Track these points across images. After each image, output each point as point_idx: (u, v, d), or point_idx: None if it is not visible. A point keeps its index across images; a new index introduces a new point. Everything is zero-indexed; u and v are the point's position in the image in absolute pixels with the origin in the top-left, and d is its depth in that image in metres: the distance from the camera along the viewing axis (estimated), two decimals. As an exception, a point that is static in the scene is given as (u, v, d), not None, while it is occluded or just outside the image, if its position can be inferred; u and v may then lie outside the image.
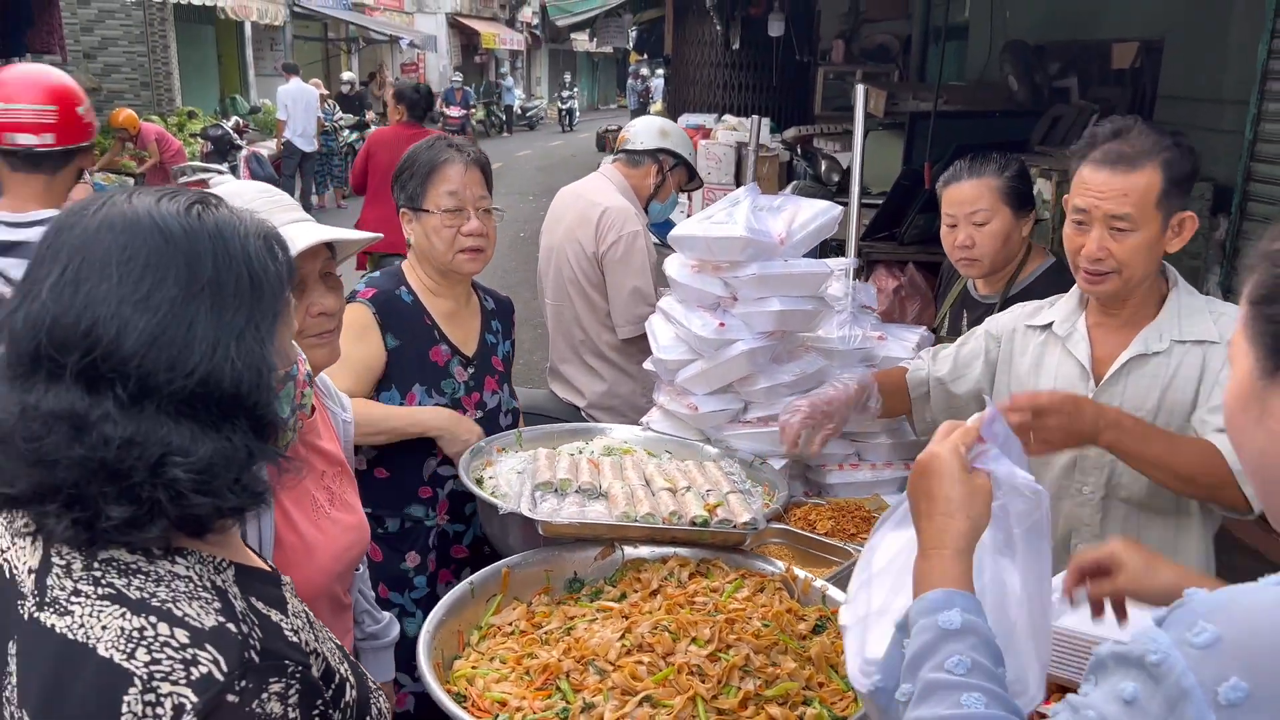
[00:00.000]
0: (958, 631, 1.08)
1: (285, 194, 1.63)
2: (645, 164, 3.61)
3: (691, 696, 1.53)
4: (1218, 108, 4.67)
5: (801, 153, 8.42)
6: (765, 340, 2.41)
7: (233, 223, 1.06)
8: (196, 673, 0.93)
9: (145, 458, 0.95)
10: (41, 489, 0.96)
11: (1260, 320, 0.92)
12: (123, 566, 0.99)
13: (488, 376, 2.52)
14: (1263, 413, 0.93)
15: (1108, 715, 0.84)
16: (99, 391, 0.96)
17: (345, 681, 1.13)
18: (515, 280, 10.63)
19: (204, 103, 17.92)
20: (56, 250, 1.00)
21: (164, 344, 0.97)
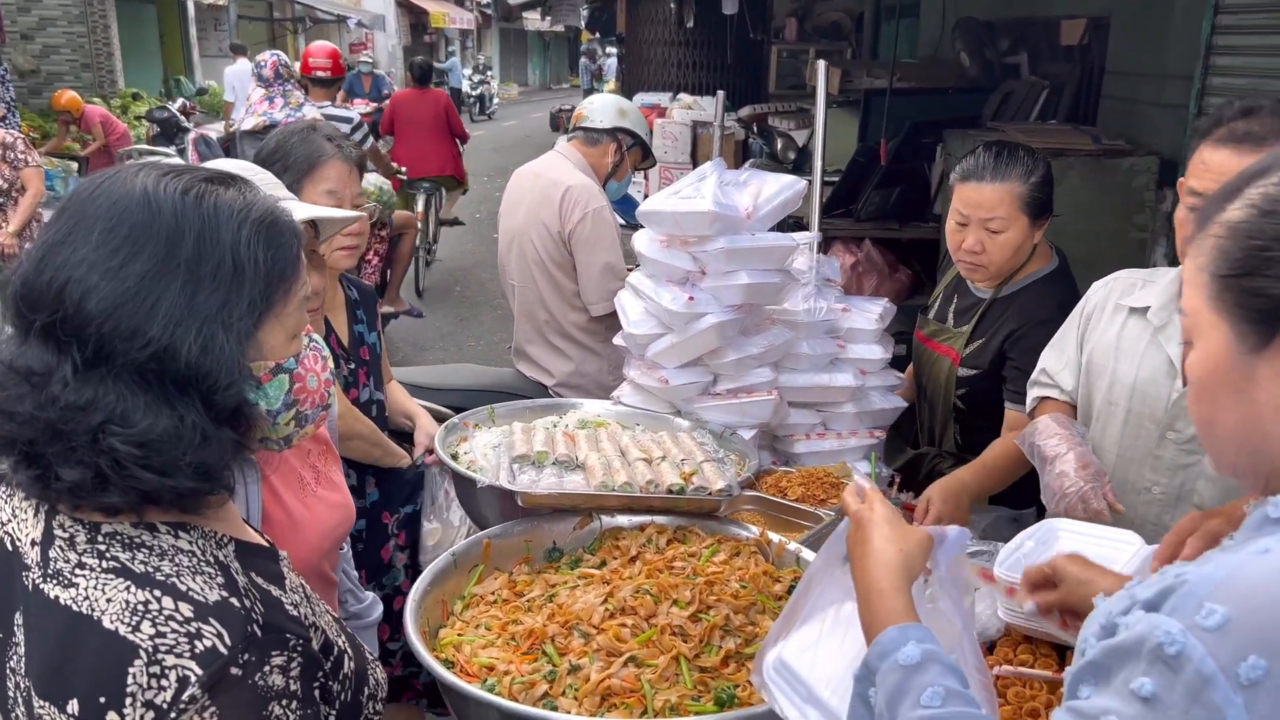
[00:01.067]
0: (920, 665, 1.09)
1: (268, 172, 1.63)
2: (604, 143, 3.62)
3: (675, 656, 1.59)
4: (1161, 82, 4.79)
5: (757, 131, 8.48)
6: (734, 313, 2.46)
7: (232, 208, 1.06)
8: (201, 646, 0.95)
9: (86, 422, 0.97)
10: (4, 440, 0.98)
11: (1237, 293, 0.93)
12: (126, 540, 1.01)
13: (360, 370, 2.51)
14: (1245, 384, 0.94)
15: (1128, 718, 0.82)
16: (61, 352, 0.98)
17: (344, 653, 1.16)
18: (472, 261, 10.59)
19: (148, 84, 17.53)
20: (61, 211, 1.03)
21: (126, 313, 0.98)
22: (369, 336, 2.58)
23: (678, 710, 1.50)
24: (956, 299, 2.71)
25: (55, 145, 10.87)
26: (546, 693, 1.53)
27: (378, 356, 2.61)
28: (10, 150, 6.33)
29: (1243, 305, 0.92)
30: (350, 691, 1.15)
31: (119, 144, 10.47)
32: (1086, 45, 5.69)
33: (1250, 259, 0.91)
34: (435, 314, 8.69)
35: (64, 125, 10.78)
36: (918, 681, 1.07)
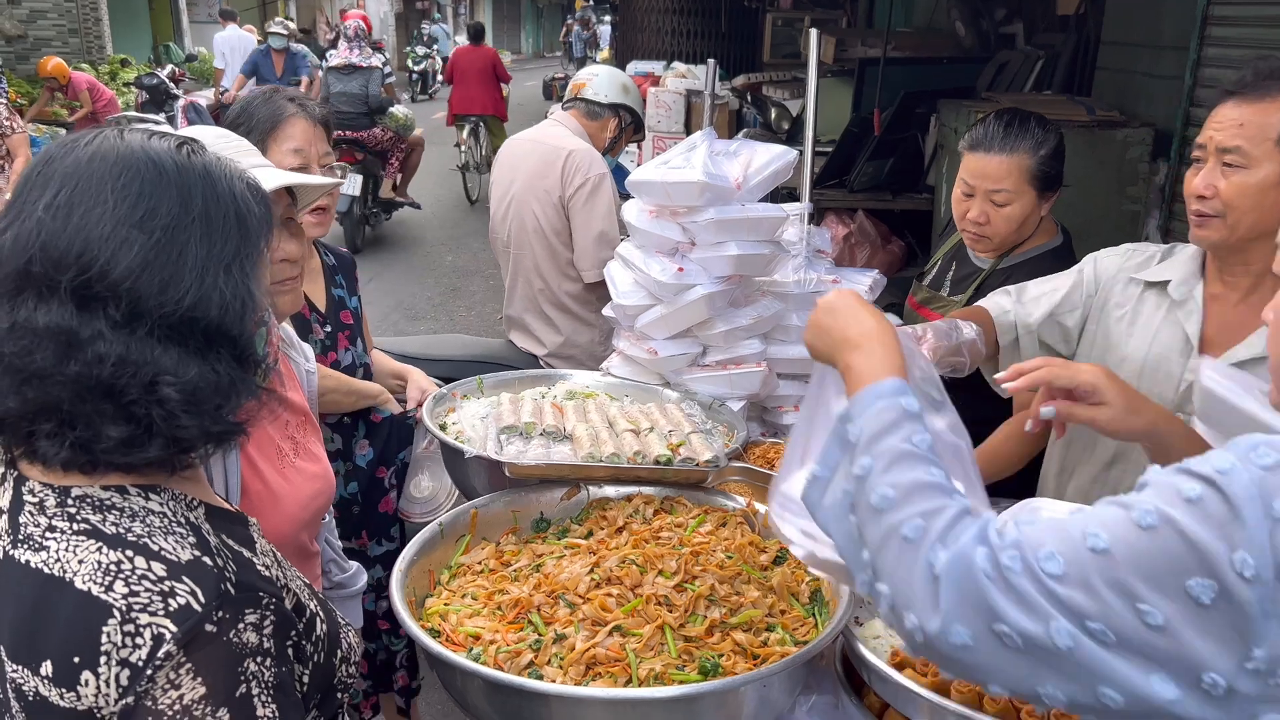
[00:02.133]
0: (918, 414, 1.11)
1: (244, 140, 1.62)
2: (604, 117, 3.59)
3: (660, 625, 1.59)
4: (1157, 53, 4.76)
5: (751, 100, 8.42)
6: (723, 284, 2.45)
7: (219, 165, 1.08)
8: (174, 604, 0.96)
9: (140, 377, 0.97)
10: (35, 406, 0.97)
11: None
12: (97, 503, 1.01)
13: (340, 333, 2.50)
14: None
15: (1166, 511, 0.88)
16: (90, 311, 0.97)
17: (316, 616, 1.16)
18: (464, 231, 10.54)
19: (136, 51, 17.31)
20: (47, 177, 1.01)
21: (156, 268, 0.99)
22: (350, 301, 2.57)
23: (662, 679, 1.50)
24: (955, 267, 2.69)
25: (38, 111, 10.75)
26: (532, 662, 1.54)
27: (359, 320, 2.60)
28: (-6, 117, 6.28)
29: None
30: (323, 653, 1.16)
31: (106, 111, 10.37)
32: (1083, 15, 5.65)
33: None
34: (427, 284, 8.67)
35: (49, 92, 10.67)
36: (911, 425, 1.09)
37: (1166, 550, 0.87)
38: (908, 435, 1.08)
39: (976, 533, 0.98)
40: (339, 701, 1.21)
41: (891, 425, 1.10)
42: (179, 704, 0.94)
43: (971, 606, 0.95)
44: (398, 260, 9.32)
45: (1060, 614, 0.91)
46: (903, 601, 1.00)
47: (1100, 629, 0.89)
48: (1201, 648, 0.86)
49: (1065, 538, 0.93)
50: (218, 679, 0.96)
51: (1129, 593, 0.88)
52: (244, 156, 1.55)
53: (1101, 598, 0.89)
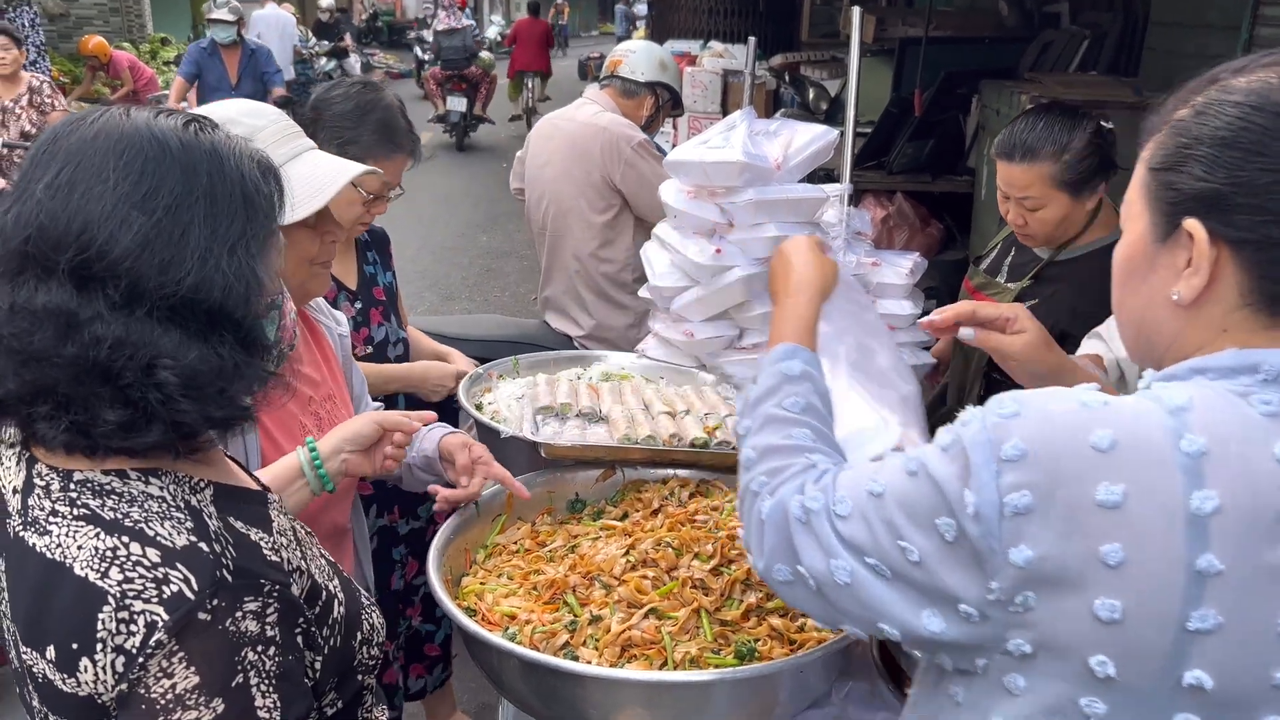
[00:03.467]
0: (797, 377, 1.26)
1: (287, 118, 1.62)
2: (641, 95, 3.55)
3: (695, 609, 1.59)
4: (1207, 33, 4.64)
5: (789, 80, 8.33)
6: (761, 266, 2.42)
7: (227, 143, 1.06)
8: (168, 591, 0.94)
9: (137, 359, 0.95)
10: (33, 388, 0.96)
11: (1157, 185, 0.99)
12: (97, 488, 1.00)
13: (372, 309, 2.49)
14: (1149, 272, 1.01)
15: (924, 457, 0.98)
16: (89, 291, 0.96)
17: (334, 598, 1.15)
18: (499, 211, 10.56)
19: (176, 30, 17.46)
20: (52, 155, 0.99)
21: (157, 248, 0.97)
22: (383, 277, 2.57)
23: (698, 663, 1.50)
24: (1014, 253, 2.64)
25: (84, 90, 10.88)
26: (567, 642, 1.54)
27: (394, 296, 2.61)
28: (38, 94, 6.35)
29: (1159, 197, 0.99)
30: (339, 637, 1.14)
31: (147, 89, 10.46)
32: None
33: (1176, 154, 0.98)
34: (461, 264, 8.69)
35: (91, 70, 10.78)
36: (788, 389, 1.25)
37: (921, 492, 0.97)
38: (780, 400, 1.24)
39: (800, 483, 1.12)
40: (360, 683, 1.20)
41: (769, 391, 1.26)
42: (171, 693, 0.93)
43: (785, 548, 1.09)
44: (432, 240, 9.35)
45: (844, 551, 1.03)
46: (745, 544, 1.17)
47: (876, 564, 1.00)
48: (953, 580, 0.95)
49: (856, 483, 1.05)
50: (212, 668, 0.95)
51: (894, 530, 0.99)
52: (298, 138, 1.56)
53: (875, 535, 1.00)
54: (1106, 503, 0.87)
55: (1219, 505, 0.86)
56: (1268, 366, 0.91)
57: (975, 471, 0.92)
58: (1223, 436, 0.88)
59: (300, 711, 1.03)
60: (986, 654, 0.97)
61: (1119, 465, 0.88)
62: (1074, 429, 0.90)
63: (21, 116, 6.38)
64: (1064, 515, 0.88)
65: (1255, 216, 0.92)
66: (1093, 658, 0.89)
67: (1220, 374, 0.93)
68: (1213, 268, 0.95)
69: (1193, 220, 0.95)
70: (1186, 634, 0.86)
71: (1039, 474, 0.90)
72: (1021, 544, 0.90)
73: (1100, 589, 0.88)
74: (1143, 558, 0.86)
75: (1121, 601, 0.87)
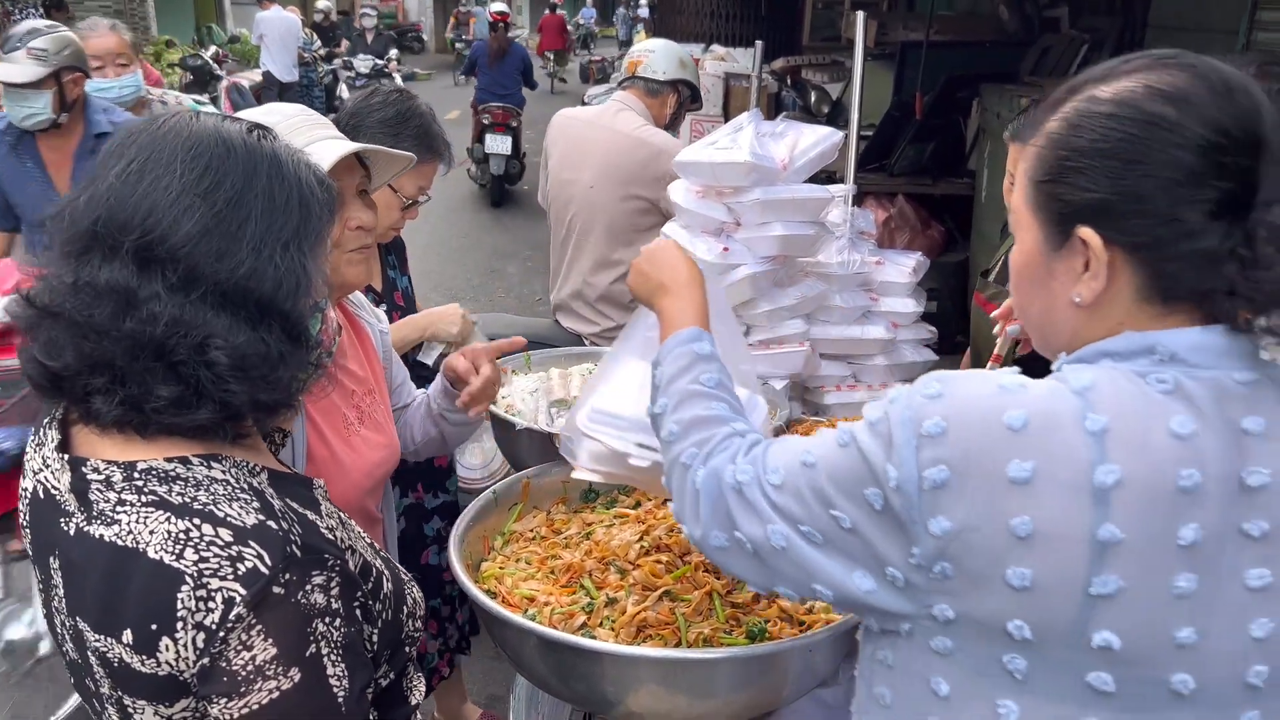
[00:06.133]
0: (709, 356, 1.32)
1: (312, 111, 1.67)
2: (664, 94, 3.57)
3: (708, 591, 1.65)
4: (1206, 38, 4.71)
5: (790, 83, 8.40)
6: (768, 265, 2.49)
7: (287, 151, 1.12)
8: (243, 568, 0.98)
9: (190, 338, 1.01)
10: (91, 361, 1.01)
11: (1045, 197, 1.04)
12: (162, 474, 1.04)
13: (393, 313, 2.54)
14: (1047, 278, 1.06)
15: (855, 431, 1.04)
16: (149, 272, 1.01)
17: (382, 575, 1.20)
18: (503, 213, 10.61)
19: (180, 32, 17.52)
20: (125, 147, 1.06)
21: (215, 236, 1.02)
22: (400, 281, 2.63)
23: (710, 643, 1.56)
24: None
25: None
26: (585, 623, 1.60)
27: (411, 300, 2.67)
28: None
29: (1048, 209, 1.04)
30: (390, 610, 1.19)
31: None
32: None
33: (1057, 167, 1.02)
34: (466, 265, 8.76)
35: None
36: (701, 366, 1.31)
37: (851, 464, 1.03)
38: (696, 376, 1.29)
39: (732, 453, 1.17)
40: (407, 655, 1.26)
41: (683, 369, 1.31)
42: (252, 664, 0.98)
43: (721, 515, 1.14)
44: (437, 241, 9.41)
45: (779, 519, 1.08)
46: (679, 514, 1.22)
47: (809, 530, 1.06)
48: (881, 547, 1.01)
49: (789, 454, 1.11)
50: (288, 639, 0.99)
51: (826, 499, 1.04)
52: (320, 128, 1.61)
53: (808, 504, 1.06)
54: (1018, 479, 0.93)
55: (1120, 478, 0.91)
56: (1162, 348, 0.97)
57: (898, 447, 0.98)
58: (1123, 414, 0.94)
59: (364, 681, 1.07)
60: (912, 619, 1.03)
61: (1029, 443, 0.93)
62: (990, 409, 0.96)
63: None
64: (978, 490, 0.94)
65: (1144, 220, 0.97)
66: (1010, 622, 0.95)
67: (1122, 356, 0.99)
68: (1109, 270, 1.00)
69: (1086, 229, 1.00)
70: (1090, 598, 0.92)
71: (956, 450, 0.95)
72: (939, 515, 0.96)
73: (1012, 559, 0.93)
74: (1050, 529, 0.92)
75: (1031, 570, 0.93)
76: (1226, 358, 0.97)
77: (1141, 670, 0.94)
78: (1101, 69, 1.05)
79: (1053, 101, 1.06)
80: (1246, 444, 0.94)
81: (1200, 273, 0.96)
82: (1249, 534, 0.93)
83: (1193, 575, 0.92)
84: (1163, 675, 0.94)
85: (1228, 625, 0.94)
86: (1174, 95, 0.97)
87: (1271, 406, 0.96)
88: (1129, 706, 0.96)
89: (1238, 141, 0.95)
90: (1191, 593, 0.93)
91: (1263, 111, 0.96)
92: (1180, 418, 0.93)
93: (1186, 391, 0.95)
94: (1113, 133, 0.98)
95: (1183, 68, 0.99)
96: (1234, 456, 0.94)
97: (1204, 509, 0.92)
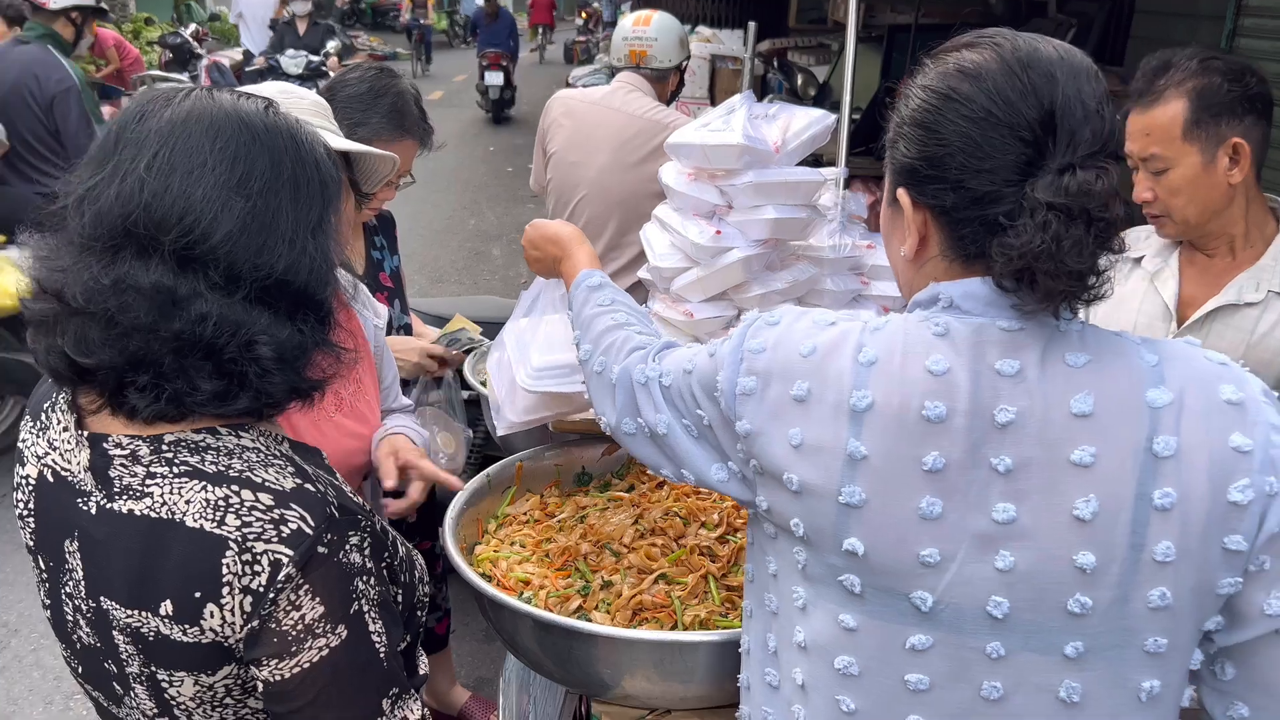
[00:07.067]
0: (599, 285, 1.54)
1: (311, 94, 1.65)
2: (670, 76, 3.59)
3: (703, 575, 1.65)
4: (1193, 22, 4.72)
5: (777, 65, 8.38)
6: (760, 248, 2.47)
7: (299, 127, 1.09)
8: (287, 530, 0.99)
9: (239, 336, 1.00)
10: (134, 359, 0.99)
11: (888, 161, 1.16)
12: (192, 445, 1.03)
13: (377, 294, 2.48)
14: (892, 232, 1.19)
15: (719, 344, 1.20)
16: (189, 272, 0.99)
17: (396, 539, 1.21)
18: (487, 195, 10.56)
19: (159, 10, 17.27)
20: (142, 135, 1.01)
21: (253, 231, 1.01)
22: (389, 262, 2.59)
23: (706, 625, 1.56)
24: None
25: (68, 69, 10.76)
26: (580, 606, 1.60)
27: (400, 281, 2.64)
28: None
29: (887, 170, 1.17)
30: (408, 574, 1.20)
31: (132, 69, 10.37)
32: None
33: (893, 133, 1.14)
34: (450, 247, 8.71)
35: (77, 49, 10.66)
36: (596, 295, 1.52)
37: (712, 370, 1.18)
38: (595, 301, 1.50)
39: (641, 355, 1.35)
40: (419, 620, 1.26)
41: (584, 303, 1.52)
42: (301, 623, 0.99)
43: (630, 405, 1.32)
44: (420, 224, 9.35)
45: (667, 411, 1.26)
46: (599, 409, 1.40)
47: (688, 424, 1.24)
48: (724, 441, 1.19)
49: (678, 361, 1.27)
50: (334, 597, 1.01)
51: (695, 399, 1.21)
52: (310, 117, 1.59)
53: (685, 402, 1.23)
54: (798, 396, 1.08)
55: (871, 403, 1.04)
56: (944, 296, 1.08)
57: (730, 356, 1.15)
58: (892, 350, 1.06)
59: (397, 639, 1.09)
60: (752, 507, 1.19)
61: (811, 368, 1.08)
62: (796, 339, 1.11)
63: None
64: (770, 401, 1.10)
65: (938, 185, 1.07)
66: (792, 520, 1.10)
67: (923, 305, 1.11)
68: (921, 229, 1.11)
69: (901, 190, 1.12)
70: (841, 506, 1.05)
71: (764, 366, 1.12)
72: (744, 419, 1.12)
73: (788, 464, 1.08)
74: (815, 442, 1.06)
75: (798, 476, 1.08)
76: (993, 307, 1.05)
77: (885, 580, 1.05)
78: (945, 45, 1.13)
79: (911, 73, 1.16)
80: (999, 385, 1.02)
81: (987, 237, 1.04)
82: (996, 469, 1.01)
83: (937, 500, 1.02)
84: (903, 588, 1.05)
85: (971, 553, 1.02)
86: (971, 71, 1.05)
87: (1028, 353, 1.03)
88: (873, 613, 1.07)
89: (1024, 116, 1.02)
90: (936, 516, 1.02)
91: (1057, 88, 1.02)
92: (937, 356, 1.04)
93: (953, 334, 1.05)
94: (923, 104, 1.09)
95: (991, 45, 1.07)
96: (986, 395, 1.02)
97: (950, 440, 1.02)
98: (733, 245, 2.47)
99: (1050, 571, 1.01)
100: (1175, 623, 1.02)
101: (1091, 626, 1.02)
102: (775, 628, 1.20)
